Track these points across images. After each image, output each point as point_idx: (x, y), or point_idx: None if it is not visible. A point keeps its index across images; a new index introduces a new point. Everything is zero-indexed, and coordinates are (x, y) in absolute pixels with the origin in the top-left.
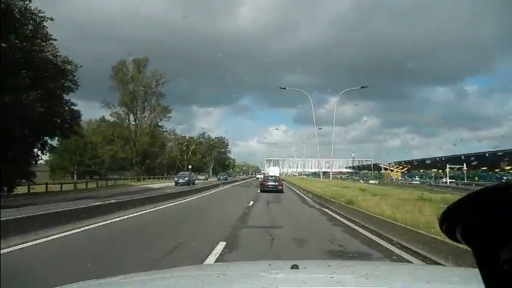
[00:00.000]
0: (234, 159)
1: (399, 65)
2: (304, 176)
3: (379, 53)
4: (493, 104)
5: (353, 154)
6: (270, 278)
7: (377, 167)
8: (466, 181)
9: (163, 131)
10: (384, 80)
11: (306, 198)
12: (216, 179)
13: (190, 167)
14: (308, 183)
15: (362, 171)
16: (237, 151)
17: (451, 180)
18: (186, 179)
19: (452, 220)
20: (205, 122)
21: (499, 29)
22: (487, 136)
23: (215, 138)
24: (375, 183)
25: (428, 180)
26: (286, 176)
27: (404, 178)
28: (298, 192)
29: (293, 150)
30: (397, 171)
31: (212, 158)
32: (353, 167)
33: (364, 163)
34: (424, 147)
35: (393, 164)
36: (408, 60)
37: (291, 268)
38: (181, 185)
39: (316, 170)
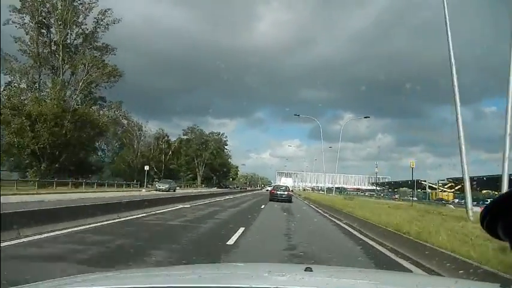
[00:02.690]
0: (237, 167)
1: (416, 82)
2: (321, 192)
3: (396, 70)
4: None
5: (376, 169)
6: (283, 278)
7: (418, 184)
8: None
9: (105, 107)
10: (401, 97)
11: None
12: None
13: (146, 168)
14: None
15: (401, 189)
16: (250, 163)
17: None
18: None
19: (493, 217)
20: None
21: None
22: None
23: (209, 133)
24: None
25: None
26: (299, 190)
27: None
28: None
29: (305, 164)
30: (447, 191)
31: (202, 160)
32: (377, 184)
33: (380, 180)
34: (438, 168)
35: (441, 182)
36: (426, 79)
37: (305, 270)
38: None
39: (334, 185)
